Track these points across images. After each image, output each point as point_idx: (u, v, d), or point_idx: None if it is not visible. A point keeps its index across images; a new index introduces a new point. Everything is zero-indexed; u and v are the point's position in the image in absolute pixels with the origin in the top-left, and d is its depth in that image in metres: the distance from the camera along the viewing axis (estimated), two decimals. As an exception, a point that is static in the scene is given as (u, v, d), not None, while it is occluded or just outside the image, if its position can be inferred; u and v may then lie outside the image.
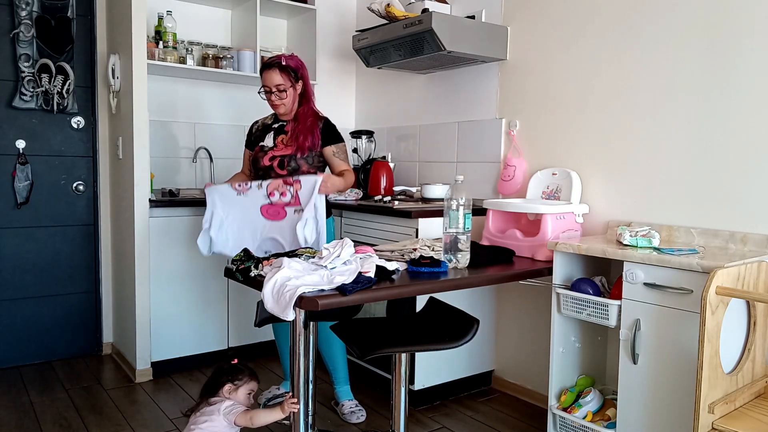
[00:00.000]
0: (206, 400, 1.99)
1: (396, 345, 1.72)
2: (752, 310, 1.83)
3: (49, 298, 3.33)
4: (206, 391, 2.01)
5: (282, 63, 2.54)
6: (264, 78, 2.55)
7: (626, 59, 2.46)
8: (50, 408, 2.72)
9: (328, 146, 2.60)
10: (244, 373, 2.02)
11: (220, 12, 3.66)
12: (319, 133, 2.59)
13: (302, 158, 2.56)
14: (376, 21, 3.22)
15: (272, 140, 2.62)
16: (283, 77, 2.53)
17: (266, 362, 3.36)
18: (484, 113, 3.12)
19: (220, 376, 2.00)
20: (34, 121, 3.24)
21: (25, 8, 3.16)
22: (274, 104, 2.56)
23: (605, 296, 2.14)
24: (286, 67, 2.54)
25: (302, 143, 2.55)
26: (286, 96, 2.55)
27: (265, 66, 2.56)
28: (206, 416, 1.92)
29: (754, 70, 2.08)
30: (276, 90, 2.53)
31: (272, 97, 2.55)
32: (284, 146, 2.58)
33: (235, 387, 1.99)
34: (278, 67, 2.53)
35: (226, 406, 1.94)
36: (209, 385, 2.02)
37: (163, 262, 3.09)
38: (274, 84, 2.52)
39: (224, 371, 2.02)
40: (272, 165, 2.57)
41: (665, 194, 2.35)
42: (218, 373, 2.02)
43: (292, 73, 2.56)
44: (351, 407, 2.65)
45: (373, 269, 1.78)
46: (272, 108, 2.60)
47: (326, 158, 2.62)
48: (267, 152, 2.59)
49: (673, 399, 1.88)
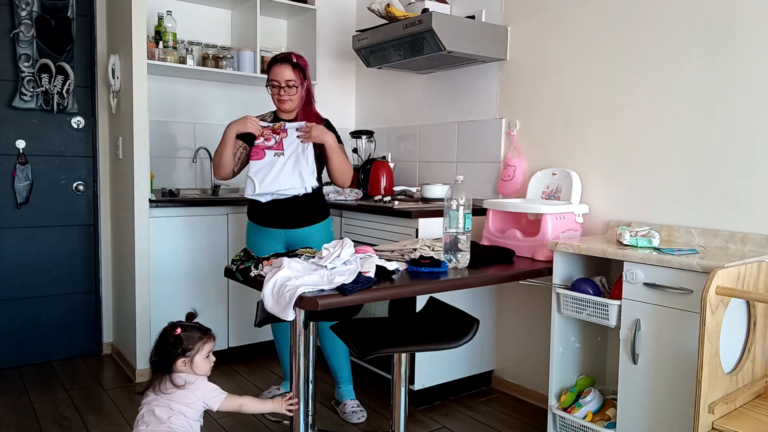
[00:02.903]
0: (165, 377, 1.75)
1: (396, 345, 1.72)
2: (752, 310, 1.83)
3: (49, 298, 3.33)
4: (160, 367, 1.77)
5: (294, 60, 2.53)
6: (274, 72, 2.52)
7: (626, 59, 2.46)
8: (50, 408, 2.72)
9: None
10: (193, 339, 1.78)
11: (220, 12, 3.66)
12: None
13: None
14: (376, 21, 3.22)
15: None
16: (295, 73, 2.52)
17: (266, 362, 3.36)
18: (484, 113, 3.12)
19: (168, 350, 1.75)
20: (34, 121, 3.24)
21: (25, 8, 3.16)
22: (282, 99, 2.53)
23: (605, 296, 2.14)
24: (298, 64, 2.54)
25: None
26: (294, 92, 2.53)
27: (276, 61, 2.54)
28: (178, 402, 1.73)
29: (754, 69, 2.08)
30: (286, 85, 2.51)
31: (281, 92, 2.52)
32: None
33: (189, 358, 1.76)
34: (290, 63, 2.52)
35: (206, 392, 1.77)
36: (161, 360, 1.77)
37: (163, 262, 3.09)
38: (285, 79, 2.50)
39: (169, 344, 1.76)
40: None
41: (665, 194, 2.35)
42: (164, 347, 1.76)
43: (302, 72, 2.55)
44: (353, 407, 2.65)
45: (373, 269, 1.78)
46: (279, 103, 2.56)
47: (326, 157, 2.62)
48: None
49: (673, 399, 1.88)
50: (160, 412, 1.73)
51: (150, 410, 1.75)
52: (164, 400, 1.75)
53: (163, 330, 1.80)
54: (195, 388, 1.77)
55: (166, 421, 1.72)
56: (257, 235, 2.64)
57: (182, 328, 1.79)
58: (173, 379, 1.76)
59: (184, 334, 1.77)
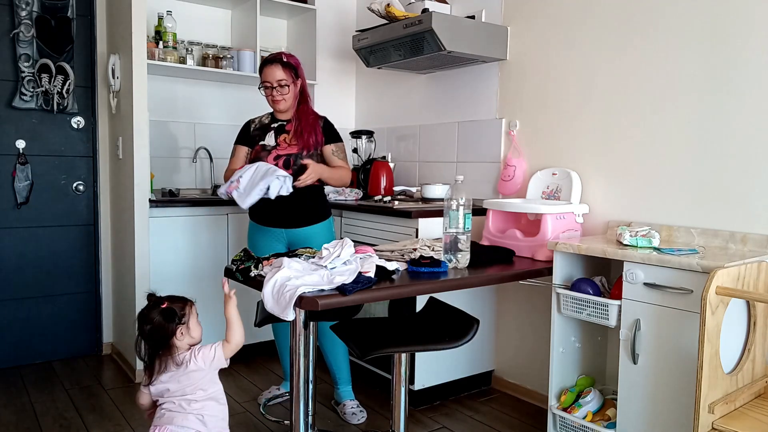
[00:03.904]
0: (166, 359, 1.70)
1: (396, 345, 1.72)
2: (752, 310, 1.83)
3: (49, 298, 3.33)
4: (157, 349, 1.70)
5: (284, 59, 2.55)
6: (265, 73, 2.55)
7: (626, 59, 2.46)
8: (50, 408, 2.72)
9: (327, 145, 2.61)
10: (180, 306, 1.75)
11: (220, 12, 3.66)
12: (321, 131, 2.60)
13: (308, 155, 2.56)
14: (376, 21, 3.22)
15: (273, 139, 2.60)
16: (285, 73, 2.54)
17: (266, 362, 3.36)
18: (484, 113, 3.12)
19: (165, 324, 1.70)
20: (34, 121, 3.24)
21: (25, 8, 3.15)
22: (275, 99, 2.55)
23: (605, 296, 2.14)
24: (288, 63, 2.55)
25: (307, 140, 2.55)
26: (287, 91, 2.54)
27: (266, 62, 2.56)
28: (193, 383, 1.68)
29: (755, 69, 2.08)
30: (278, 85, 2.53)
31: (273, 92, 2.54)
32: (288, 145, 2.57)
33: (185, 325, 1.74)
34: (280, 62, 2.54)
35: (207, 359, 1.71)
36: (158, 341, 1.70)
37: (163, 262, 3.09)
38: (276, 79, 2.52)
39: (164, 318, 1.70)
40: (277, 164, 2.54)
41: (665, 194, 2.35)
42: (160, 323, 1.70)
43: (293, 70, 2.57)
44: (352, 408, 2.65)
45: (373, 269, 1.78)
46: (272, 104, 2.59)
47: (325, 157, 2.62)
48: (270, 151, 2.57)
49: (673, 399, 1.88)
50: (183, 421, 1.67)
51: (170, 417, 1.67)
52: (177, 403, 1.69)
53: (148, 311, 1.72)
54: (192, 359, 1.70)
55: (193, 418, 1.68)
56: (259, 235, 2.64)
57: (166, 300, 1.74)
58: (174, 357, 1.70)
59: (170, 305, 1.73)
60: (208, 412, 1.71)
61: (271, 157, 2.56)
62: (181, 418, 1.67)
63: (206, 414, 1.70)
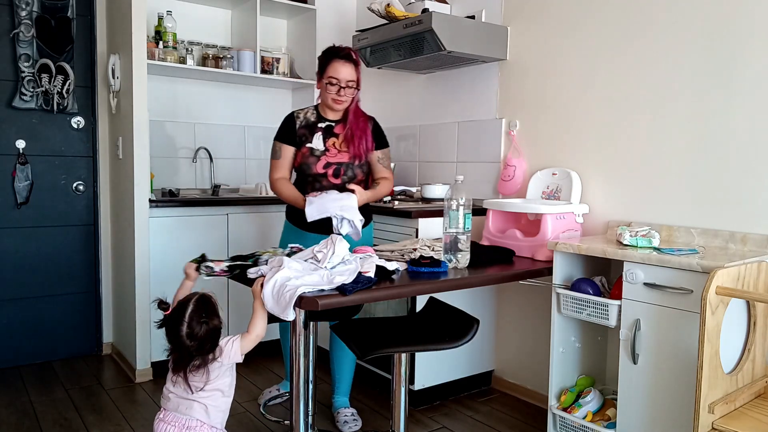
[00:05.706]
0: (208, 361, 1.67)
1: (396, 345, 1.72)
2: (752, 310, 1.83)
3: (49, 298, 3.33)
4: (206, 344, 1.66)
5: (355, 57, 2.34)
6: (336, 69, 2.32)
7: (626, 59, 2.46)
8: (50, 408, 2.72)
9: (375, 151, 2.48)
10: (213, 306, 1.71)
11: (220, 12, 3.66)
12: (371, 136, 2.46)
13: (358, 166, 2.42)
14: (376, 21, 3.22)
15: (322, 142, 2.41)
16: (357, 73, 2.35)
17: (266, 362, 3.36)
18: (484, 113, 3.12)
19: (216, 319, 1.68)
20: (34, 121, 3.24)
21: (25, 8, 3.15)
22: (339, 100, 2.34)
23: (605, 296, 2.14)
24: (358, 62, 2.35)
25: (358, 148, 2.39)
26: (352, 93, 2.36)
27: (336, 56, 2.33)
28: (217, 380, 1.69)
29: (755, 69, 2.08)
30: (346, 86, 2.32)
31: (340, 91, 2.33)
32: (338, 151, 2.40)
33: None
34: (353, 62, 2.33)
35: (227, 355, 1.70)
36: (211, 336, 1.66)
37: (163, 262, 3.09)
38: (347, 79, 2.31)
39: (216, 313, 1.68)
40: (326, 173, 2.38)
41: (665, 194, 2.35)
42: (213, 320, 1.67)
43: (358, 71, 2.38)
44: (345, 416, 2.58)
45: (373, 269, 1.78)
46: (333, 103, 2.36)
47: (371, 163, 2.48)
48: (319, 157, 2.39)
49: (673, 399, 1.88)
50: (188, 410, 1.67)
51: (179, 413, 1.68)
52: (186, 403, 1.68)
53: (199, 304, 1.67)
54: (219, 355, 1.69)
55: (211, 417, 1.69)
56: (294, 238, 2.45)
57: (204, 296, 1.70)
58: (209, 363, 1.67)
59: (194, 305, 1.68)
60: (213, 402, 1.73)
61: (320, 164, 2.39)
62: (186, 406, 1.70)
63: (210, 404, 1.72)
